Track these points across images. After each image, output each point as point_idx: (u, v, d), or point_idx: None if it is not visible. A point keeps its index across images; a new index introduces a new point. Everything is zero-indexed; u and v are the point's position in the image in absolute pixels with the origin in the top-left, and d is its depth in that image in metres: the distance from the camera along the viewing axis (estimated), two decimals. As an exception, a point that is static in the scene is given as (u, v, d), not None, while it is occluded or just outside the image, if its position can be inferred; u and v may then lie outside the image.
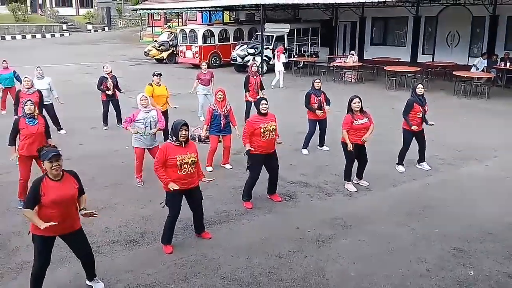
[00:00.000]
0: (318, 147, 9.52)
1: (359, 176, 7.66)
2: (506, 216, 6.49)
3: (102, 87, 10.85)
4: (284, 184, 7.61)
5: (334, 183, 7.74)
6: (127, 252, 5.60)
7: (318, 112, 8.94)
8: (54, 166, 4.21)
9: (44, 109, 9.94)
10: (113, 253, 5.55)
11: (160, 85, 9.60)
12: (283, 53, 17.83)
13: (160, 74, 9.75)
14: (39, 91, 9.19)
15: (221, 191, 7.40)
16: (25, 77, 8.97)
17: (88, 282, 4.86)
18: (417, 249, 5.61)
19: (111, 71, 10.94)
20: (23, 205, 4.42)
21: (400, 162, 8.29)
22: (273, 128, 6.60)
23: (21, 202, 6.74)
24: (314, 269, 5.21)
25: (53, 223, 4.20)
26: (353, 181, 7.61)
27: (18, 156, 6.75)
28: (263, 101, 6.69)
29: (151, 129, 7.40)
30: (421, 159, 8.35)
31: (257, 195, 7.08)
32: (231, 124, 8.19)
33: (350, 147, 7.17)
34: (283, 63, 17.28)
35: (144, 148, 7.53)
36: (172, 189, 5.29)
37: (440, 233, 5.99)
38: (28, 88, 8.81)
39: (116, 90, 11.03)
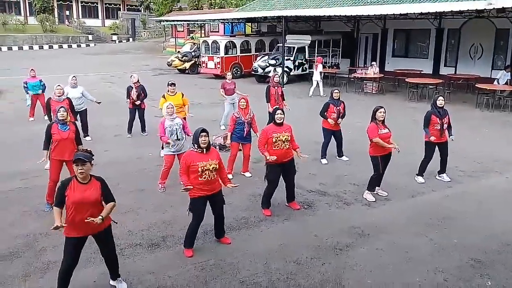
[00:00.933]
0: (337, 157, 9.58)
1: (378, 185, 7.70)
2: (526, 228, 6.45)
3: (129, 97, 11.12)
4: (303, 192, 7.71)
5: (353, 192, 7.79)
6: (149, 255, 5.77)
7: (330, 121, 9.02)
8: (80, 169, 4.42)
9: (78, 115, 10.32)
10: (135, 256, 5.73)
11: (175, 93, 9.76)
12: (321, 63, 18.20)
13: (174, 84, 9.89)
14: (69, 99, 9.51)
15: (241, 198, 7.54)
16: (58, 85, 9.30)
17: (111, 282, 5.03)
18: (435, 259, 5.63)
19: (138, 81, 11.19)
20: (54, 203, 4.62)
21: (420, 174, 8.29)
22: (285, 139, 6.69)
23: (48, 205, 7.02)
24: (331, 276, 5.28)
25: (64, 225, 4.39)
26: (374, 191, 7.66)
27: (47, 161, 7.03)
28: (279, 111, 6.82)
29: (177, 136, 7.60)
30: (442, 170, 8.34)
31: (276, 203, 7.19)
32: (252, 132, 8.32)
33: (387, 146, 7.18)
34: (320, 72, 17.66)
35: (174, 155, 7.74)
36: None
37: (459, 244, 6.00)
38: (59, 96, 9.13)
39: (140, 99, 11.23)
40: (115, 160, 9.39)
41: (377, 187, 7.71)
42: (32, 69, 13.03)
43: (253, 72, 21.61)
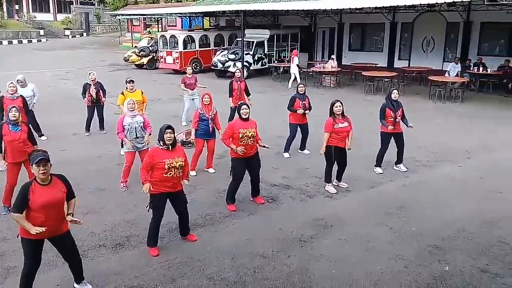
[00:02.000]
0: (299, 150, 9.73)
1: (339, 178, 7.89)
2: (478, 215, 6.79)
3: (85, 94, 10.85)
4: (266, 186, 7.79)
5: (315, 185, 7.95)
6: (113, 255, 5.68)
7: (299, 111, 9.14)
8: (42, 170, 4.28)
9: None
10: (99, 257, 5.63)
11: (134, 90, 9.60)
12: (297, 55, 18.48)
13: (132, 81, 9.73)
14: (22, 97, 9.17)
15: (205, 195, 7.54)
16: (11, 82, 8.95)
17: (76, 285, 4.93)
18: (395, 247, 5.85)
19: (95, 79, 10.92)
20: (12, 209, 4.46)
21: (378, 164, 8.56)
22: (251, 135, 6.75)
23: (5, 208, 6.78)
24: (297, 268, 5.39)
25: (43, 229, 4.26)
26: (333, 183, 7.84)
27: (7, 164, 6.78)
28: (244, 106, 6.87)
29: (136, 134, 7.49)
30: (399, 161, 8.63)
31: (241, 198, 7.24)
32: (215, 128, 8.31)
33: (322, 150, 7.41)
34: (297, 65, 18.01)
35: (135, 152, 7.62)
36: (147, 191, 5.39)
37: (417, 232, 6.26)
38: (11, 94, 8.79)
39: (100, 96, 10.98)
40: (73, 160, 9.15)
41: (337, 180, 7.89)
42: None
43: (212, 67, 21.49)
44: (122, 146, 9.24)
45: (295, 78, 18.13)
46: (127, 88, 9.61)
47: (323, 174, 7.79)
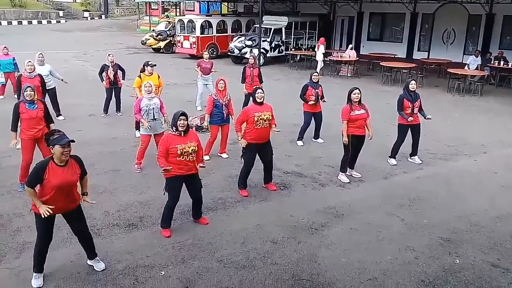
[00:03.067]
0: (313, 139, 9.70)
1: (352, 166, 7.86)
2: (492, 209, 6.73)
3: (103, 75, 10.94)
4: (279, 174, 7.81)
5: (328, 174, 7.94)
6: (126, 235, 5.78)
7: (311, 102, 9.13)
8: (65, 151, 4.35)
9: (47, 93, 10.07)
10: (112, 236, 5.73)
11: (151, 74, 9.64)
12: (323, 44, 18.38)
13: (154, 65, 9.76)
14: (40, 75, 9.29)
15: (218, 179, 7.58)
16: (29, 61, 9.04)
17: (89, 262, 5.04)
18: (406, 238, 5.84)
19: (113, 60, 10.99)
20: (26, 182, 4.55)
21: (393, 155, 8.50)
22: (267, 118, 6.75)
23: (22, 185, 6.91)
24: (306, 254, 5.42)
25: (50, 210, 4.37)
26: (346, 172, 7.82)
27: (18, 142, 6.89)
28: (259, 90, 6.88)
29: (153, 116, 7.54)
30: (414, 153, 8.56)
31: (253, 184, 7.28)
32: (229, 114, 8.31)
33: (345, 140, 7.37)
34: (322, 53, 18.00)
35: (150, 135, 7.68)
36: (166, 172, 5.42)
37: (429, 224, 6.23)
38: (30, 73, 8.90)
39: (118, 78, 11.08)
40: (89, 140, 9.25)
41: (350, 169, 7.87)
42: (5, 47, 12.58)
43: (229, 53, 21.46)
44: (138, 129, 9.33)
45: (323, 65, 18.17)
46: (144, 71, 9.65)
47: (337, 163, 7.79)
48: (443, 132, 10.44)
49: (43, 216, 4.36)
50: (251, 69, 10.98)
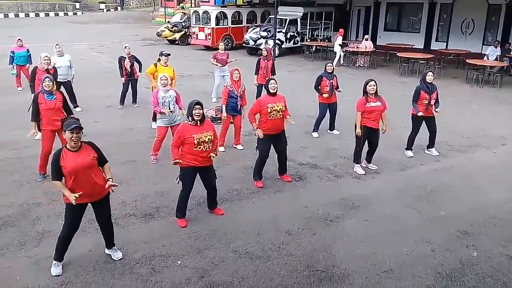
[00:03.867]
0: (328, 131, 9.65)
1: (369, 160, 7.82)
2: (510, 202, 6.64)
3: (121, 68, 11.00)
4: (294, 165, 7.80)
5: (343, 165, 7.90)
6: (143, 224, 5.85)
7: (325, 95, 9.07)
8: (74, 137, 4.42)
9: (62, 86, 10.17)
10: (129, 225, 5.80)
11: (167, 65, 9.66)
12: (342, 35, 18.40)
13: (169, 55, 9.79)
14: (54, 68, 9.37)
15: (233, 171, 7.61)
16: (46, 55, 9.14)
17: (107, 251, 5.12)
18: (422, 231, 5.79)
19: (129, 52, 11.05)
20: (51, 177, 4.62)
21: (409, 147, 8.42)
22: (280, 109, 6.72)
23: (41, 175, 7.04)
24: (322, 246, 5.42)
25: (78, 194, 4.42)
26: (362, 164, 7.77)
27: (36, 133, 7.00)
28: (272, 81, 6.84)
29: (169, 107, 7.58)
30: (431, 145, 8.46)
31: (268, 175, 7.28)
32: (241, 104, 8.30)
33: (358, 131, 7.32)
34: (339, 44, 18.01)
35: (167, 127, 7.73)
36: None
37: (446, 216, 6.17)
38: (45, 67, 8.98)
39: (135, 69, 11.14)
40: (106, 132, 9.35)
41: (367, 162, 7.82)
42: (19, 39, 12.74)
43: (244, 44, 21.41)
44: (154, 120, 9.39)
45: (340, 57, 18.12)
46: (159, 61, 9.69)
47: (352, 155, 7.74)
48: (461, 124, 10.30)
49: (74, 203, 4.42)
50: (266, 61, 10.92)
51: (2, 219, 5.86)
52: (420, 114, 7.98)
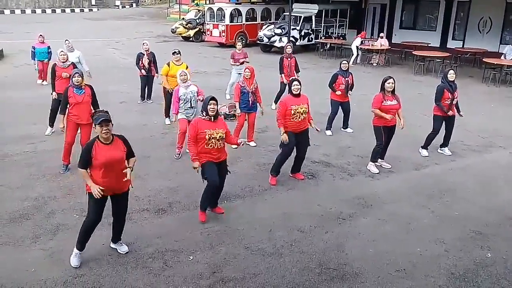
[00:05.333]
0: (342, 129, 9.60)
1: (382, 157, 7.76)
2: (527, 203, 6.54)
3: (139, 64, 11.07)
4: (307, 163, 7.75)
5: (356, 164, 7.86)
6: (155, 219, 5.89)
7: (338, 92, 9.02)
8: (104, 130, 4.51)
9: None
10: (142, 220, 5.85)
11: (180, 63, 9.67)
12: (362, 37, 18.66)
13: (179, 52, 9.80)
14: (73, 64, 9.45)
15: (245, 167, 7.62)
16: (61, 51, 9.23)
17: (112, 245, 5.16)
18: (436, 230, 5.74)
19: (148, 49, 11.11)
20: (78, 165, 4.70)
21: (425, 147, 8.30)
22: (303, 111, 6.68)
23: (65, 167, 7.15)
24: (334, 244, 5.40)
25: (102, 188, 4.53)
26: (377, 162, 7.72)
27: (65, 126, 7.11)
28: (295, 82, 6.77)
29: (191, 104, 7.56)
30: (445, 144, 8.36)
31: (281, 173, 7.24)
32: (256, 101, 8.30)
33: (386, 116, 7.18)
34: (356, 46, 18.20)
35: (188, 120, 7.60)
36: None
37: (460, 216, 6.10)
38: (63, 62, 9.08)
39: (153, 67, 11.20)
40: (121, 127, 9.25)
41: (381, 160, 7.77)
42: (40, 35, 12.87)
43: (258, 41, 21.37)
44: (167, 116, 9.45)
45: (357, 55, 18.15)
46: (173, 60, 9.71)
47: (366, 153, 7.71)
48: (477, 123, 10.16)
49: (96, 197, 4.52)
50: (289, 59, 10.88)
51: (17, 212, 5.95)
52: (450, 113, 7.85)
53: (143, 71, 11.07)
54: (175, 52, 9.72)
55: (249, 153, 8.26)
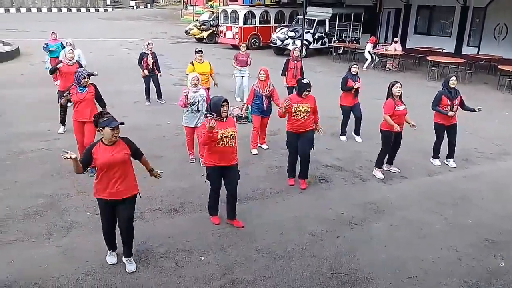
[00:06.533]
0: (353, 133, 9.51)
1: (390, 162, 7.71)
2: (542, 212, 6.46)
3: (142, 63, 11.17)
4: (319, 167, 7.76)
5: (369, 169, 7.82)
6: (167, 219, 5.93)
7: (357, 84, 8.91)
8: (115, 134, 4.53)
9: None
10: (154, 220, 5.89)
11: (202, 61, 9.79)
12: (373, 43, 18.71)
13: (201, 51, 9.92)
14: (78, 63, 9.49)
15: (258, 170, 7.62)
16: (70, 49, 9.28)
17: (124, 259, 4.92)
18: (448, 237, 5.69)
19: (152, 48, 11.22)
20: (79, 159, 4.68)
21: (436, 156, 8.15)
22: (305, 110, 6.63)
23: (93, 169, 7.21)
24: (346, 249, 5.38)
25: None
26: (384, 167, 7.69)
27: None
28: (308, 89, 6.63)
29: (197, 108, 7.53)
30: (450, 155, 8.10)
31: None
32: (272, 104, 8.22)
33: (396, 127, 7.07)
34: (368, 51, 18.26)
35: (193, 127, 7.62)
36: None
37: (474, 224, 6.05)
38: (70, 60, 9.15)
39: (155, 67, 11.30)
40: (134, 127, 9.42)
41: (389, 165, 7.72)
42: (53, 32, 13.04)
43: (271, 44, 21.40)
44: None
45: (372, 60, 18.18)
46: (196, 58, 9.81)
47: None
48: (491, 131, 10.06)
49: (64, 158, 4.36)
50: (295, 62, 10.86)
51: (32, 209, 6.02)
52: (451, 114, 7.66)
53: (145, 71, 11.17)
54: (200, 50, 9.84)
55: (261, 155, 8.26)
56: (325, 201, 6.60)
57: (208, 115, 5.56)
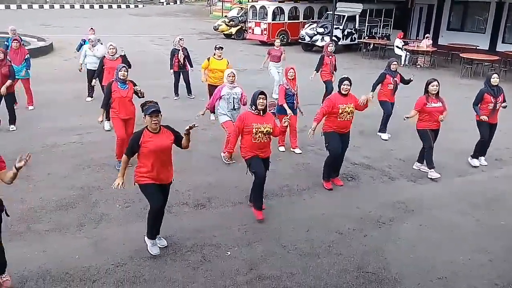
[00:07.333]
0: (378, 132, 9.33)
1: (421, 161, 7.55)
2: None
3: (174, 60, 11.29)
4: (347, 165, 7.66)
5: (398, 167, 7.70)
6: (195, 214, 5.99)
7: (390, 85, 8.85)
8: (154, 120, 4.68)
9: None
10: (182, 214, 5.96)
11: (221, 59, 9.76)
12: (400, 38, 18.30)
13: (222, 48, 9.91)
14: (122, 57, 9.65)
15: (284, 166, 7.60)
16: (110, 44, 9.47)
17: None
18: (480, 239, 5.55)
19: (183, 44, 11.32)
20: (125, 151, 4.88)
21: (475, 156, 7.89)
22: (351, 110, 6.53)
23: (119, 163, 7.32)
24: (373, 248, 5.32)
25: (119, 183, 4.78)
26: (414, 166, 7.58)
27: (107, 122, 7.27)
28: (346, 82, 6.54)
29: (233, 105, 7.50)
30: (482, 153, 7.89)
31: (319, 173, 7.17)
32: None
33: (406, 116, 7.04)
34: (397, 46, 17.99)
35: (232, 121, 7.51)
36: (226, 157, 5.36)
37: (506, 226, 5.88)
38: (112, 55, 9.33)
39: (187, 62, 11.41)
40: (163, 121, 9.55)
41: (420, 164, 7.57)
42: (91, 28, 13.29)
43: (300, 40, 21.29)
44: (213, 112, 9.51)
45: (406, 57, 17.95)
46: (215, 55, 9.83)
47: (407, 156, 7.57)
48: (526, 130, 9.73)
49: (113, 187, 4.78)
50: (330, 57, 10.81)
51: (64, 200, 6.18)
52: (484, 118, 7.51)
53: (171, 70, 11.28)
54: (221, 47, 9.84)
55: (288, 152, 8.23)
56: (352, 200, 6.54)
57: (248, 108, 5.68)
